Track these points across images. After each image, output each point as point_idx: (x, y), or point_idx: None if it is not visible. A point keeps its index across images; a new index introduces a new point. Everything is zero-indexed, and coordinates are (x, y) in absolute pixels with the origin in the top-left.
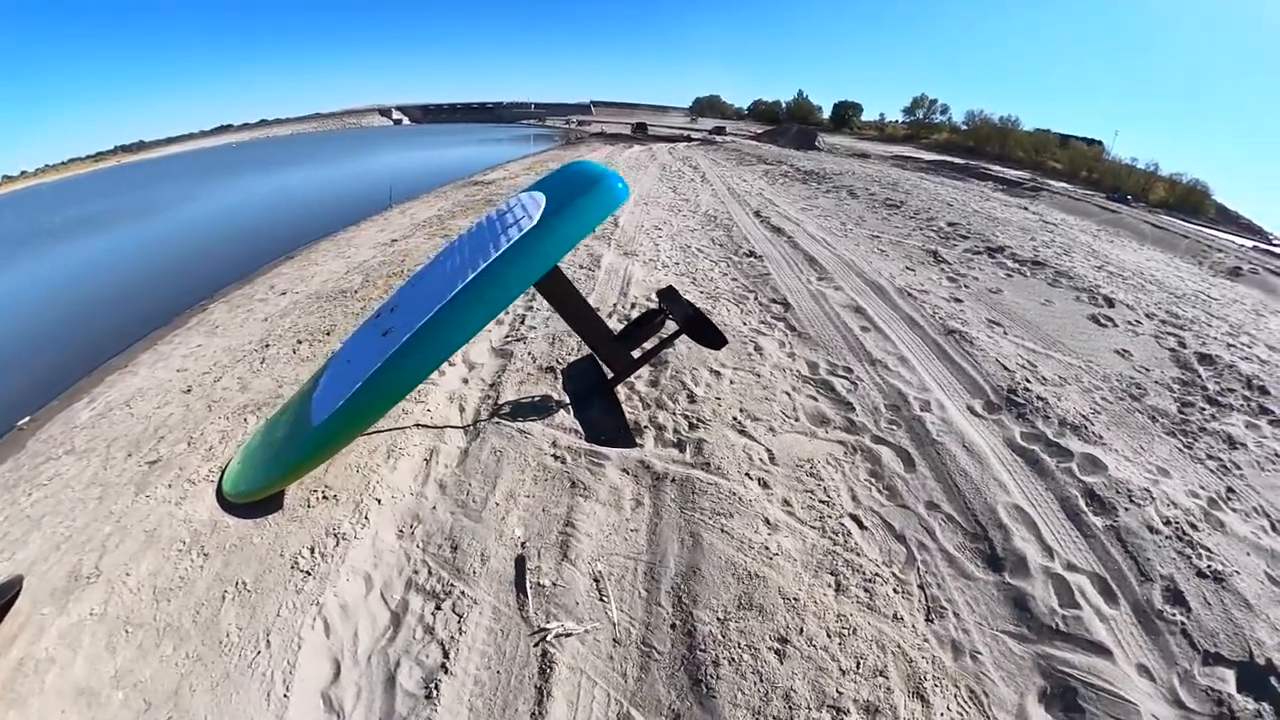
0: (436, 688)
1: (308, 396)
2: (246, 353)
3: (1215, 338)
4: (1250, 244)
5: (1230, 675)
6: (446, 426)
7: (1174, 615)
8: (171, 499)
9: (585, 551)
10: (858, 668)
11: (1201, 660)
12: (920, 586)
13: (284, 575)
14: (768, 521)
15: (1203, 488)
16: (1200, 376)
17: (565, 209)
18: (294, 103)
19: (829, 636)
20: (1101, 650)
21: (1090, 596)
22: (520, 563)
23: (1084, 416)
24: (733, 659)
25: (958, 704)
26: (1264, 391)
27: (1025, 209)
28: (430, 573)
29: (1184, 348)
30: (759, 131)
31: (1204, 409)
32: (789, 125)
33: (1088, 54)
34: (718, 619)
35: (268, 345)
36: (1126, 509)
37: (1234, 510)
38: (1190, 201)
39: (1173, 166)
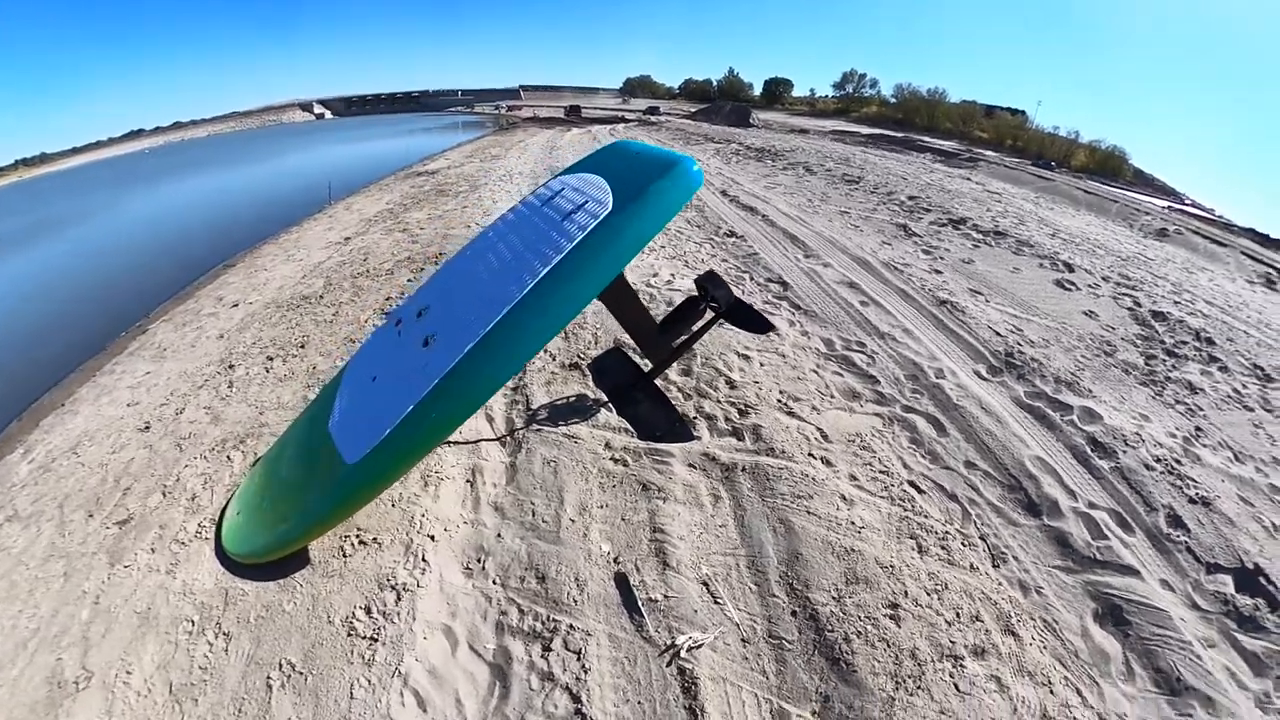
0: None
1: (319, 425)
2: (208, 376)
3: (1163, 296)
4: (1165, 204)
5: (1229, 579)
6: (480, 440)
7: (1178, 537)
8: (160, 567)
9: (684, 556)
10: (959, 618)
11: (1205, 570)
12: (981, 538)
13: (342, 646)
14: (844, 498)
15: (1178, 429)
16: (1157, 332)
17: (643, 194)
18: (209, 103)
19: (928, 595)
20: (1131, 571)
21: (1113, 528)
22: (623, 580)
23: (1073, 374)
24: (859, 632)
25: (1039, 633)
26: (1210, 342)
27: (968, 179)
28: (522, 611)
29: (1139, 306)
30: (693, 110)
31: (1165, 360)
32: (722, 103)
33: (1011, 25)
34: (833, 598)
35: (232, 366)
36: (1124, 451)
37: (1204, 445)
38: (1109, 166)
39: (1092, 134)
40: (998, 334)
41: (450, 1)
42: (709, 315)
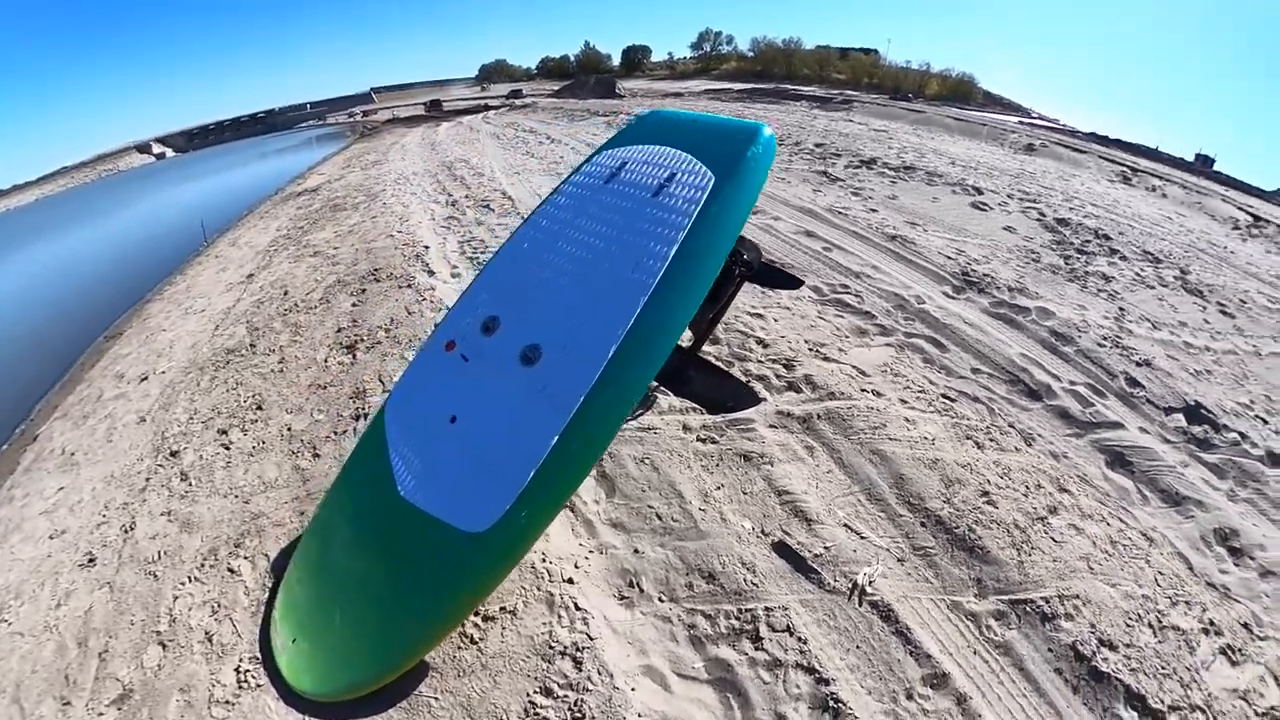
0: (834, 704)
1: (381, 497)
2: (149, 473)
3: (1059, 204)
4: (1017, 120)
5: (1181, 416)
6: None
7: (1138, 393)
8: None
9: (817, 507)
10: (1029, 489)
11: (1164, 413)
12: (1011, 426)
13: None
14: (907, 420)
15: (1108, 313)
16: (1065, 236)
17: (742, 161)
18: (32, 163)
19: (1001, 478)
20: (1118, 425)
21: (1094, 397)
22: (782, 547)
23: (1018, 281)
24: (976, 521)
25: (1080, 486)
26: (1107, 238)
27: (851, 121)
28: (708, 617)
29: (1045, 216)
30: (556, 89)
31: (1079, 258)
32: (584, 78)
33: None
34: (944, 502)
35: (176, 453)
36: (1079, 337)
37: (1130, 321)
38: (961, 92)
39: (941, 64)
40: (948, 257)
41: (281, 16)
42: (738, 277)
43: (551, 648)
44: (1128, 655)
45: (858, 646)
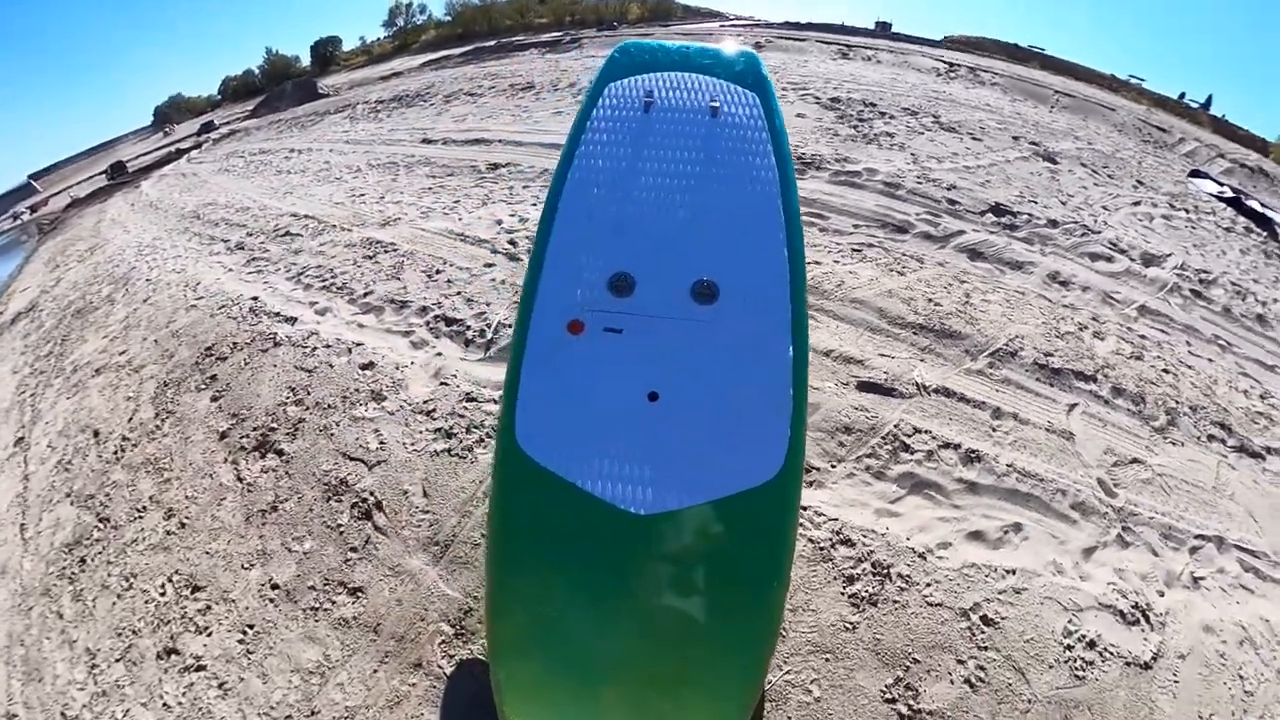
0: (969, 452)
1: (621, 539)
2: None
3: (822, 87)
4: (719, 24)
5: (990, 214)
6: None
7: (959, 208)
8: None
9: (854, 352)
10: (946, 288)
11: (979, 215)
12: (905, 254)
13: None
14: (851, 273)
15: (907, 160)
16: (844, 110)
17: (765, 82)
18: None
19: (928, 287)
20: (961, 232)
21: (938, 219)
22: (866, 385)
23: (837, 153)
24: (938, 318)
25: (968, 276)
26: (872, 105)
27: (595, 57)
28: (871, 455)
29: (820, 99)
30: (252, 107)
31: (863, 125)
32: (278, 87)
33: None
34: (914, 314)
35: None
36: (902, 181)
37: (924, 162)
38: (662, 11)
39: None
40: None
41: None
42: None
43: (812, 542)
44: (1057, 354)
45: (952, 418)
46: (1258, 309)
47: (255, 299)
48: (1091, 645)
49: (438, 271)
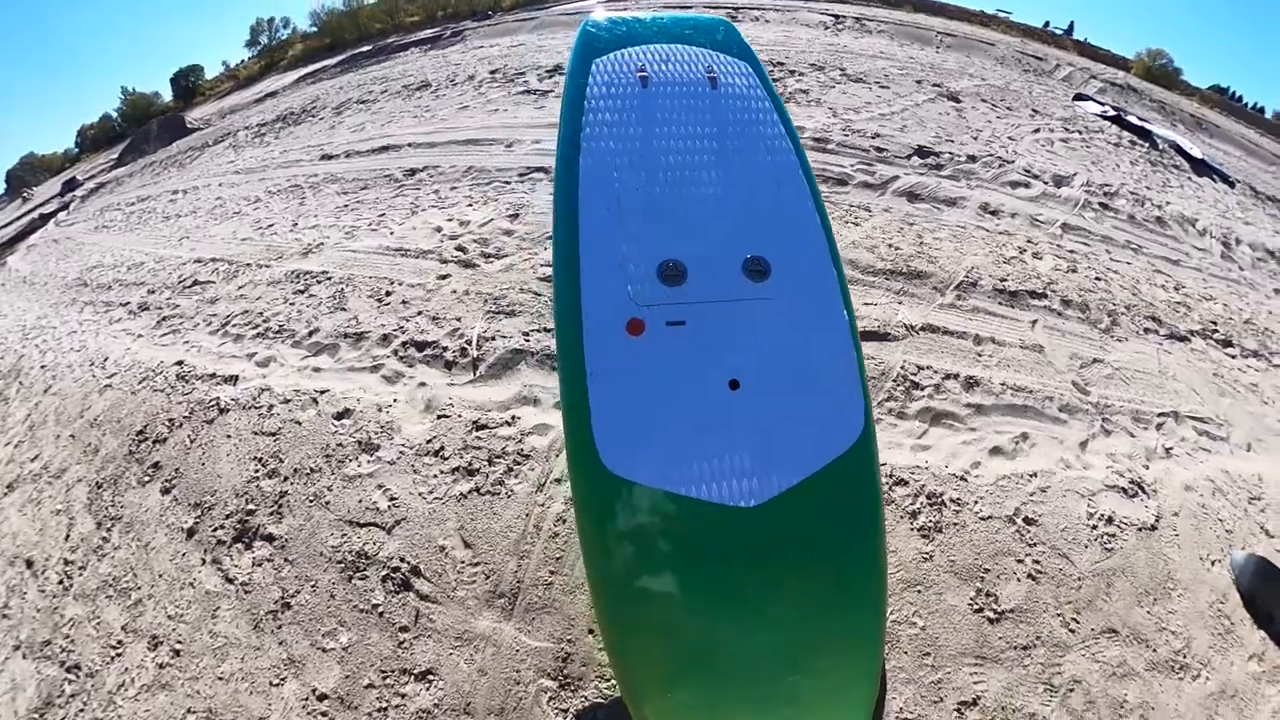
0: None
1: (732, 533)
2: None
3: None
4: None
5: (916, 157)
6: None
7: (885, 154)
8: None
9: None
10: (899, 232)
11: (906, 159)
12: (851, 205)
13: None
14: None
15: (828, 114)
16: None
17: (748, 49)
18: None
19: (883, 233)
20: (896, 177)
21: (869, 167)
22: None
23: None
24: (902, 260)
25: (912, 218)
26: (780, 63)
27: (485, 46)
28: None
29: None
30: (117, 154)
31: (776, 84)
32: (143, 129)
33: None
34: (881, 261)
35: None
36: (830, 135)
37: (844, 114)
38: None
39: None
40: None
41: None
42: None
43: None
44: (1009, 278)
45: (943, 351)
46: (1156, 212)
47: (180, 364)
48: (1110, 521)
49: (387, 294)
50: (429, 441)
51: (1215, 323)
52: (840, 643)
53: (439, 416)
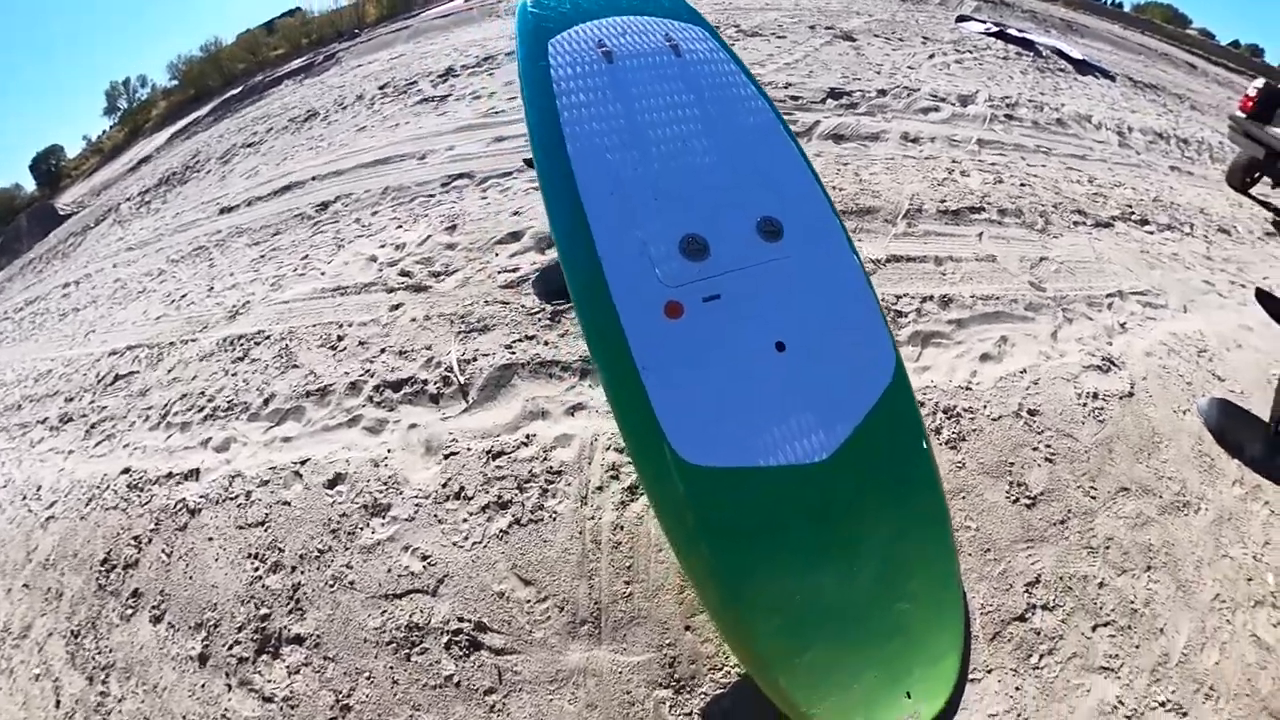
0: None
1: (808, 487)
2: None
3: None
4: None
5: (830, 99)
6: None
7: (801, 100)
8: None
9: None
10: (838, 172)
11: (822, 102)
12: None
13: None
14: None
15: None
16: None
17: (698, 16)
18: None
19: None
20: (817, 123)
21: (788, 114)
22: None
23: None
24: (849, 200)
25: (845, 158)
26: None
27: (363, 64)
28: None
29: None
30: None
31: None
32: (10, 227)
33: None
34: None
35: None
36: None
37: (752, 66)
38: (403, 2)
39: None
40: None
41: None
42: None
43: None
44: (948, 199)
45: (913, 277)
46: (1055, 115)
47: (127, 471)
48: (1095, 396)
49: (339, 339)
50: (444, 485)
51: (1130, 205)
52: (921, 562)
53: (446, 456)
